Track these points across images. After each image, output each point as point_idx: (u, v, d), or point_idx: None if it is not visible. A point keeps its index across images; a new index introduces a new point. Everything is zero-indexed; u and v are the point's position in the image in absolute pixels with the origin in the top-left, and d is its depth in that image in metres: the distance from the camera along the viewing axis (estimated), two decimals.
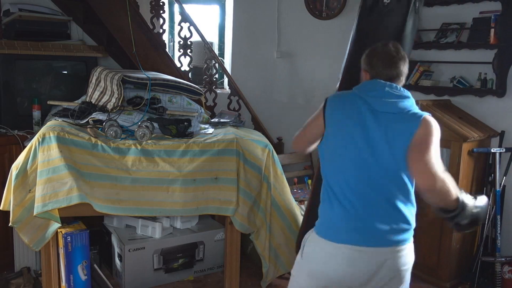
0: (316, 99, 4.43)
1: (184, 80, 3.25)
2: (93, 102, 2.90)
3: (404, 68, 1.81)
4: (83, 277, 2.64)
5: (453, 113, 3.29)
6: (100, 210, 2.49)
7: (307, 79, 4.46)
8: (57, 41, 3.39)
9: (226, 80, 4.58)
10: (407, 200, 1.79)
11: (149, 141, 2.61)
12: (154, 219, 3.04)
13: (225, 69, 4.05)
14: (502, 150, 3.15)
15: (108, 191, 2.50)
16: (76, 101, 3.04)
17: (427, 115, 1.72)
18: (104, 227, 3.18)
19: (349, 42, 2.56)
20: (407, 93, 1.78)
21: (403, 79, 1.83)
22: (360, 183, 1.75)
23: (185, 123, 2.78)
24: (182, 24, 3.70)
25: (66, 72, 3.55)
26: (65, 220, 2.57)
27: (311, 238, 1.86)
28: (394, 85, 1.78)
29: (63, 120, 2.70)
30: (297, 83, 4.53)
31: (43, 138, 2.43)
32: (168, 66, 3.60)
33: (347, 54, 2.54)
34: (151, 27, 3.55)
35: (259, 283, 3.03)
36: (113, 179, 2.51)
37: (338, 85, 2.56)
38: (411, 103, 1.77)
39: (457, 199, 1.67)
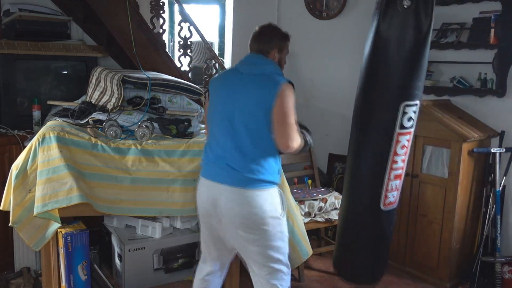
0: (316, 99, 4.43)
1: (184, 80, 3.25)
2: (93, 102, 2.90)
3: (267, 44, 2.21)
4: (83, 277, 2.64)
5: (453, 113, 3.29)
6: (100, 210, 2.49)
7: (307, 79, 4.46)
8: (57, 41, 3.39)
9: (271, 67, 4.56)
10: (259, 151, 2.12)
11: (149, 141, 2.61)
12: (154, 219, 3.04)
13: (225, 69, 4.05)
14: (502, 150, 3.15)
15: (108, 191, 2.50)
16: (76, 101, 3.04)
17: (284, 83, 2.09)
18: (104, 227, 3.18)
19: (367, 46, 2.42)
20: (269, 61, 2.20)
21: (268, 51, 2.21)
22: (222, 134, 2.17)
23: (185, 123, 2.78)
24: (182, 24, 3.70)
25: (66, 72, 3.55)
26: (65, 220, 2.57)
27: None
28: (259, 55, 2.20)
29: (63, 120, 2.70)
30: (296, 83, 4.49)
31: (43, 138, 2.43)
32: (168, 66, 3.60)
33: (365, 58, 2.45)
34: (151, 27, 3.55)
35: None
36: (113, 179, 2.51)
37: (356, 94, 2.56)
38: (271, 69, 2.17)
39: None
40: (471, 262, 3.22)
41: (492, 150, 3.14)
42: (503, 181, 3.18)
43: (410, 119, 2.28)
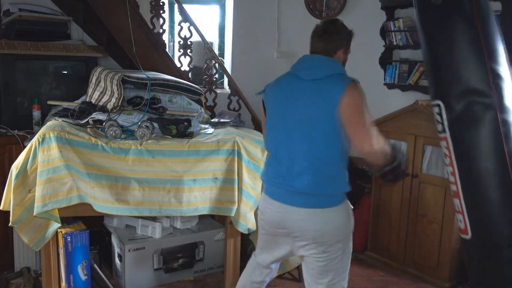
0: None
1: (184, 80, 3.25)
2: (93, 102, 2.90)
3: (335, 43, 1.99)
4: (83, 277, 2.64)
5: None
6: (100, 210, 2.49)
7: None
8: (57, 41, 3.39)
9: (226, 80, 4.57)
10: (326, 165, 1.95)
11: (149, 141, 2.61)
12: (154, 219, 3.04)
13: (225, 69, 4.05)
14: None
15: (108, 191, 2.50)
16: (76, 101, 3.04)
17: (349, 83, 1.87)
18: (104, 227, 3.18)
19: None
20: (333, 61, 1.97)
21: (335, 51, 2.00)
22: (283, 149, 1.99)
23: (185, 123, 2.78)
24: (182, 24, 3.70)
25: (66, 72, 3.55)
26: (65, 220, 2.57)
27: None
28: (321, 56, 1.99)
29: (63, 120, 2.70)
30: None
31: (43, 138, 2.43)
32: (168, 66, 3.60)
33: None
34: (151, 27, 3.55)
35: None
36: (113, 179, 2.52)
37: None
38: (335, 69, 1.94)
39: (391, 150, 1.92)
40: None
41: None
42: None
43: (438, 122, 1.89)
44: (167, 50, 3.77)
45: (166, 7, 3.90)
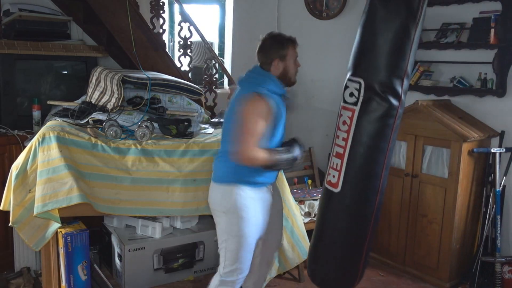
0: (316, 99, 4.43)
1: (184, 80, 3.25)
2: (93, 102, 2.90)
3: (267, 55, 2.23)
4: (83, 277, 2.64)
5: (453, 113, 3.29)
6: (100, 210, 2.49)
7: (307, 79, 4.45)
8: (57, 41, 3.39)
9: (226, 80, 4.57)
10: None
11: (149, 141, 2.61)
12: (154, 219, 3.04)
13: (225, 69, 4.05)
14: (502, 150, 3.15)
15: (108, 191, 2.50)
16: (76, 101, 3.04)
17: (250, 93, 2.12)
18: (104, 227, 3.18)
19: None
20: (258, 73, 2.24)
21: (269, 63, 2.23)
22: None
23: (185, 123, 2.78)
24: (182, 24, 3.70)
25: (66, 72, 3.55)
26: (65, 220, 2.57)
27: None
28: (256, 67, 2.27)
29: (63, 120, 2.71)
30: (297, 83, 4.53)
31: (43, 138, 2.43)
32: (168, 66, 3.60)
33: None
34: (151, 27, 3.55)
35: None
36: (113, 179, 2.52)
37: None
38: (253, 80, 2.21)
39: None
40: (471, 262, 3.22)
41: (492, 150, 3.14)
42: (503, 181, 3.18)
43: (352, 95, 2.13)
44: (167, 50, 3.77)
45: (166, 7, 3.89)
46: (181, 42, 3.72)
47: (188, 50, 3.75)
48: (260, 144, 2.12)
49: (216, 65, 3.94)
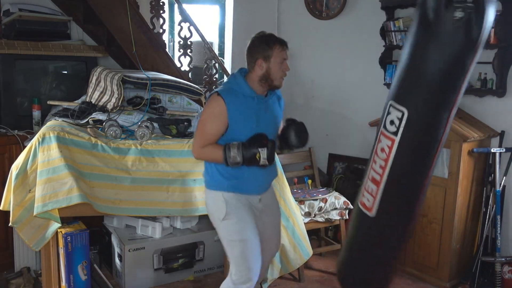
0: (316, 99, 4.43)
1: (184, 80, 3.25)
2: (93, 102, 2.90)
3: (251, 56, 2.25)
4: (83, 277, 2.64)
5: None
6: (100, 210, 2.49)
7: (307, 79, 4.46)
8: (57, 41, 3.39)
9: (226, 80, 4.58)
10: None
11: (149, 141, 2.61)
12: (154, 219, 3.04)
13: (225, 69, 4.05)
14: (502, 150, 3.15)
15: (108, 191, 2.50)
16: (76, 101, 3.04)
17: (214, 93, 2.19)
18: (104, 227, 3.18)
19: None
20: (236, 72, 2.31)
21: (253, 62, 2.23)
22: None
23: (185, 123, 2.78)
24: (182, 24, 3.70)
25: (66, 72, 3.55)
26: (65, 220, 2.57)
27: None
28: (242, 69, 2.32)
29: (63, 120, 2.70)
30: (297, 83, 4.53)
31: (43, 138, 2.43)
32: (168, 66, 3.60)
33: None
34: (151, 27, 3.55)
35: (260, 283, 3.03)
36: (113, 179, 2.51)
37: None
38: (227, 80, 2.31)
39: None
40: (471, 262, 3.21)
41: (492, 150, 3.14)
42: (503, 181, 3.18)
43: (392, 123, 1.95)
44: (167, 50, 3.77)
45: (166, 7, 3.90)
46: (181, 42, 3.72)
47: (188, 50, 3.76)
48: (218, 141, 2.20)
49: (216, 65, 3.94)
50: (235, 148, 2.15)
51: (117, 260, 3.04)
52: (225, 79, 4.50)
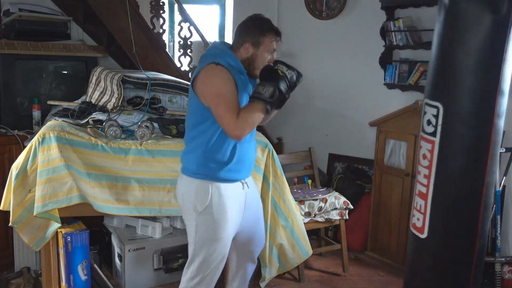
0: (316, 99, 4.43)
1: (184, 80, 3.25)
2: (93, 102, 2.90)
3: (241, 35, 2.09)
4: (83, 277, 2.64)
5: None
6: (100, 210, 2.49)
7: (307, 79, 4.43)
8: (57, 41, 3.39)
9: (209, 52, 4.57)
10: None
11: (149, 141, 2.61)
12: (154, 219, 3.04)
13: None
14: (502, 150, 3.15)
15: (108, 191, 2.50)
16: (76, 101, 3.04)
17: (207, 65, 1.96)
18: (104, 227, 3.18)
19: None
20: (215, 45, 2.14)
21: (241, 43, 2.07)
22: None
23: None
24: (182, 24, 3.71)
25: (66, 72, 3.55)
26: (65, 220, 2.57)
27: None
28: (221, 43, 2.21)
29: (63, 120, 2.70)
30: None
31: (43, 138, 2.43)
32: (168, 66, 3.60)
33: None
34: (151, 27, 3.55)
35: (258, 281, 3.03)
36: (113, 179, 2.51)
37: None
38: (209, 52, 2.06)
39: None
40: None
41: None
42: (503, 181, 3.18)
43: (429, 122, 1.77)
44: (167, 50, 3.78)
45: (166, 7, 3.90)
46: (181, 42, 3.73)
47: (188, 50, 3.76)
48: (203, 127, 2.01)
49: None
50: (260, 88, 1.95)
51: (117, 260, 3.04)
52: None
